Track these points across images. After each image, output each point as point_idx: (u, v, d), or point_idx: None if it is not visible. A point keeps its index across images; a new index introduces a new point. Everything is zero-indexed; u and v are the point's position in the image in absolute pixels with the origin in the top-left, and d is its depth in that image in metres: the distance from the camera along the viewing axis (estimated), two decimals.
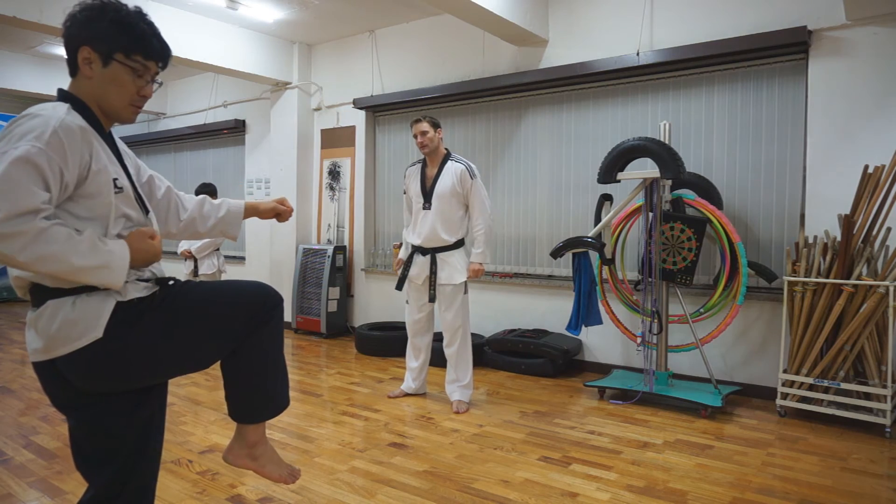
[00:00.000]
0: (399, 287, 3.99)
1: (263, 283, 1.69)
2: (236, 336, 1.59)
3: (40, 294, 1.42)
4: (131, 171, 1.60)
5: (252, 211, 1.96)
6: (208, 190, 5.51)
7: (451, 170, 3.82)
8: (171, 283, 1.58)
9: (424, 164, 3.94)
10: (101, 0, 1.45)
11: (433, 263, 3.83)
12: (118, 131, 9.54)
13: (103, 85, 1.46)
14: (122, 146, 1.63)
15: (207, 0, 5.17)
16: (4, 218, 1.22)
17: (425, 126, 3.81)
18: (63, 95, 1.47)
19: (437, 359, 4.18)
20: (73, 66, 1.47)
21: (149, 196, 1.74)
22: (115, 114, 1.52)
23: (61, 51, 6.72)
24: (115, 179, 1.45)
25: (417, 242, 3.89)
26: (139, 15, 1.49)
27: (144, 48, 1.48)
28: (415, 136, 3.84)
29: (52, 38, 6.33)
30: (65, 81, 1.55)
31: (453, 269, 3.81)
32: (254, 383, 1.67)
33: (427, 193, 3.85)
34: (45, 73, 7.21)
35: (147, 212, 1.58)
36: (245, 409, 1.73)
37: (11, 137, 1.30)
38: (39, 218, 1.27)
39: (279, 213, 1.98)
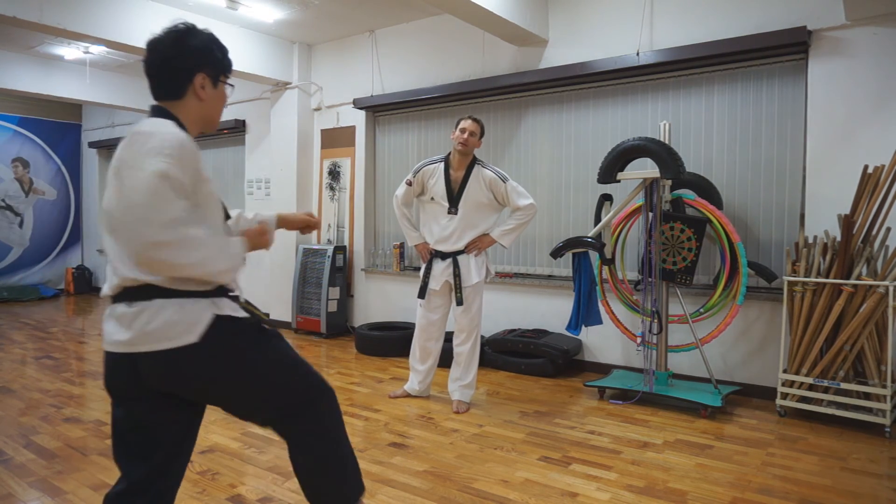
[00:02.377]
0: (421, 295, 3.86)
1: (313, 374, 1.75)
2: (264, 415, 1.67)
3: (144, 292, 1.48)
4: None
5: (282, 222, 2.04)
6: None
7: (480, 176, 3.71)
8: (256, 319, 1.66)
9: (447, 164, 3.78)
10: (194, 27, 1.61)
11: (455, 266, 3.76)
12: (121, 130, 9.53)
13: (213, 104, 1.64)
14: None
15: (207, 0, 5.18)
16: (158, 228, 1.36)
17: (474, 127, 3.70)
18: (164, 113, 1.57)
19: (443, 359, 4.14)
20: (180, 90, 1.58)
21: None
22: (213, 125, 1.70)
23: (61, 51, 6.83)
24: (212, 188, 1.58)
25: (439, 248, 3.80)
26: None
27: (231, 65, 1.71)
28: (460, 131, 3.68)
29: (52, 38, 6.33)
30: (64, 82, 1.59)
31: (474, 270, 3.76)
32: (302, 477, 1.73)
33: (454, 199, 3.72)
34: (45, 73, 7.20)
35: (228, 217, 1.70)
36: (307, 495, 1.78)
37: (141, 154, 1.41)
38: (183, 226, 1.39)
39: (308, 224, 2.08)
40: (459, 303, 3.77)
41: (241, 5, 5.31)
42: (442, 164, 3.78)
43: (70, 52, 6.84)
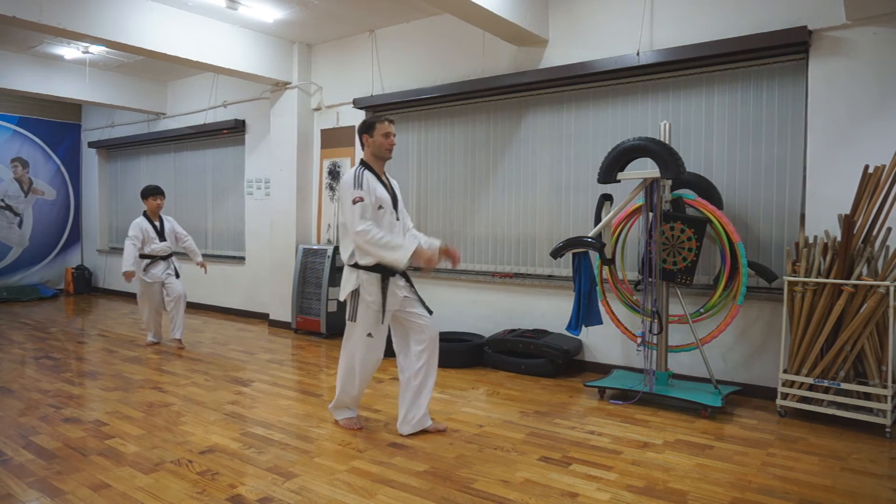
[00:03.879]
0: (378, 323, 3.26)
1: None
2: None
3: None
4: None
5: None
6: (156, 191, 5.71)
7: (394, 182, 3.45)
8: None
9: (372, 170, 3.31)
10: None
11: (407, 279, 3.37)
12: (121, 130, 9.49)
13: None
14: None
15: (207, 0, 5.18)
16: None
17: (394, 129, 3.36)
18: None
19: (443, 359, 4.09)
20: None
21: None
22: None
23: (61, 51, 6.86)
24: None
25: (406, 263, 3.18)
26: None
27: None
28: (387, 136, 3.29)
29: (51, 38, 6.33)
30: (64, 82, 1.57)
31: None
32: None
33: (395, 204, 3.33)
34: (45, 73, 7.20)
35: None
36: None
37: None
38: None
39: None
40: (431, 311, 3.40)
41: (241, 5, 5.31)
42: (370, 170, 3.31)
43: (70, 52, 6.83)
